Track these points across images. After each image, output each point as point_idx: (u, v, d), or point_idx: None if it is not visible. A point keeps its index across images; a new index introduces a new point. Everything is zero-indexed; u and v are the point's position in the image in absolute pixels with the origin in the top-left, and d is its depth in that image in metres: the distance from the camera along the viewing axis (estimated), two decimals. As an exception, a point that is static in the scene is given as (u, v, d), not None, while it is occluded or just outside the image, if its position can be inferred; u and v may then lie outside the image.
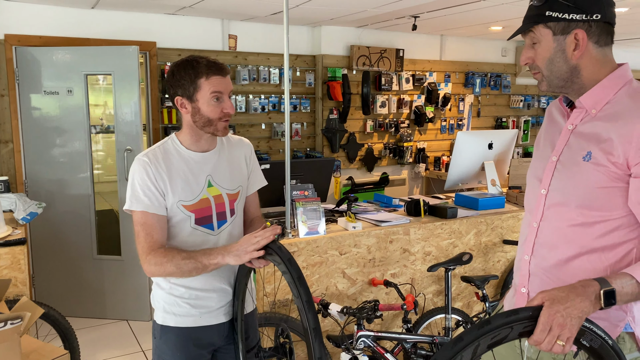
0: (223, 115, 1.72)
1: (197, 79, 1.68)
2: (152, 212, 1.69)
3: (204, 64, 1.68)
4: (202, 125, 1.73)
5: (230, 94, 1.75)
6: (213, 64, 1.69)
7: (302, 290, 1.47)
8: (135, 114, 4.02)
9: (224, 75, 1.71)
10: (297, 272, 1.51)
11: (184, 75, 1.68)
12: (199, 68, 1.68)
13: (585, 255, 1.37)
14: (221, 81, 1.70)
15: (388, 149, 5.86)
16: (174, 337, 1.79)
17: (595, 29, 1.34)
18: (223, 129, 1.75)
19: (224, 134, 1.77)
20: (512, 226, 3.38)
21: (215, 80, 1.69)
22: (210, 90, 1.68)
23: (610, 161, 1.31)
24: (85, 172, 4.11)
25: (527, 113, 6.86)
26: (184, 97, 1.71)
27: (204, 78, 1.68)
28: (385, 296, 2.98)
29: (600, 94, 1.37)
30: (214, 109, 1.70)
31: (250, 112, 5.10)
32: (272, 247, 1.59)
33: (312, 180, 3.09)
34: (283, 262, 1.53)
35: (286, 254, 1.54)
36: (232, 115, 1.75)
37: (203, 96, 1.69)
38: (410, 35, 5.74)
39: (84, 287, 4.19)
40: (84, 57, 4.00)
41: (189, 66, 1.69)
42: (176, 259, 1.64)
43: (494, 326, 1.10)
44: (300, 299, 1.46)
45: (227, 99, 1.73)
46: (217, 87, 1.69)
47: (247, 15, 4.76)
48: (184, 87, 1.69)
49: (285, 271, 1.52)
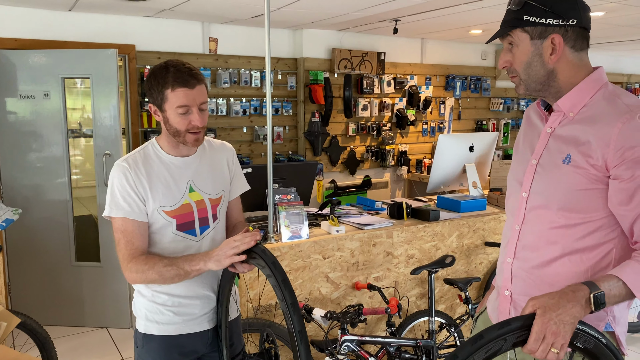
0: (191, 127, 1.66)
1: (163, 89, 1.62)
2: (133, 218, 1.66)
3: (171, 74, 1.61)
4: (173, 135, 1.69)
5: (204, 105, 1.67)
6: (180, 75, 1.61)
7: (287, 293, 1.46)
8: (114, 117, 3.96)
9: (191, 87, 1.62)
10: (282, 275, 1.49)
11: (153, 84, 1.64)
12: (166, 78, 1.61)
13: (566, 256, 1.39)
14: (187, 94, 1.61)
15: (370, 152, 5.87)
16: (156, 345, 1.75)
17: (572, 34, 1.36)
18: (193, 140, 1.69)
19: (195, 145, 1.72)
20: (494, 228, 3.40)
21: (180, 93, 1.61)
22: (175, 104, 1.62)
23: (590, 163, 1.32)
24: (63, 177, 4.03)
25: (507, 116, 6.94)
26: (155, 106, 1.68)
27: (169, 90, 1.61)
28: (369, 300, 2.97)
29: (577, 98, 1.39)
30: (181, 121, 1.64)
31: (232, 116, 5.07)
32: (256, 250, 1.57)
33: (295, 183, 3.07)
34: (267, 266, 1.51)
35: (270, 257, 1.53)
36: (202, 128, 1.68)
37: (170, 107, 1.63)
38: (391, 39, 5.76)
39: (62, 295, 4.11)
40: (61, 60, 3.93)
41: (159, 75, 1.63)
42: (158, 266, 1.62)
43: (487, 340, 1.10)
44: (285, 302, 1.45)
45: (195, 111, 1.65)
46: (182, 101, 1.62)
47: (227, 18, 4.73)
48: (153, 96, 1.65)
49: (269, 274, 1.51)
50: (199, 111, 1.66)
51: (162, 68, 1.63)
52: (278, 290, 1.47)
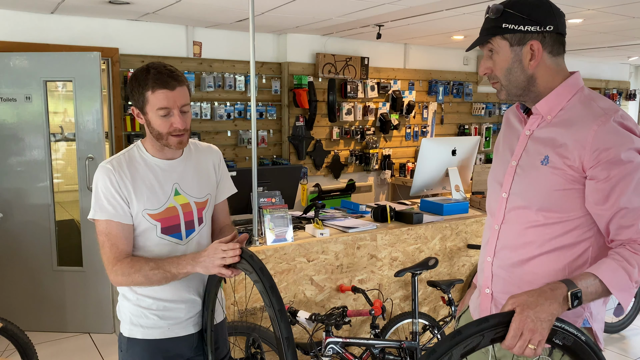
0: (173, 129, 1.65)
1: (144, 91, 1.61)
2: (117, 220, 1.66)
3: (152, 76, 1.60)
4: (156, 137, 1.68)
5: (185, 107, 1.66)
6: (160, 77, 1.60)
7: (274, 300, 1.46)
8: (97, 121, 3.93)
9: (172, 88, 1.60)
10: (269, 281, 1.49)
11: (134, 87, 1.63)
12: (147, 80, 1.60)
13: (545, 254, 1.42)
14: (168, 95, 1.60)
15: (354, 156, 5.91)
16: (141, 349, 1.74)
17: (549, 40, 1.40)
18: (176, 143, 1.68)
19: (178, 147, 1.71)
20: (476, 231, 3.45)
21: (161, 95, 1.60)
22: (156, 106, 1.61)
23: (567, 164, 1.36)
24: (45, 181, 3.99)
25: (488, 120, 7.03)
26: (137, 109, 1.67)
27: (149, 92, 1.60)
28: (353, 302, 2.99)
29: (555, 101, 1.43)
30: (162, 123, 1.64)
31: (216, 119, 5.06)
32: (243, 255, 1.57)
33: (279, 187, 3.08)
34: (255, 271, 1.51)
35: (258, 263, 1.53)
36: (184, 130, 1.66)
37: (151, 109, 1.63)
38: (375, 44, 5.81)
39: (43, 300, 4.06)
40: (42, 63, 3.89)
41: (140, 77, 1.62)
42: (144, 270, 1.61)
43: (465, 335, 1.12)
44: (273, 308, 1.45)
45: (176, 113, 1.63)
46: (163, 103, 1.61)
47: (212, 22, 4.73)
48: (135, 99, 1.64)
49: (257, 280, 1.51)
50: (180, 113, 1.64)
51: (143, 70, 1.62)
52: (265, 296, 1.47)
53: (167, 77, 1.61)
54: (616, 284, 1.25)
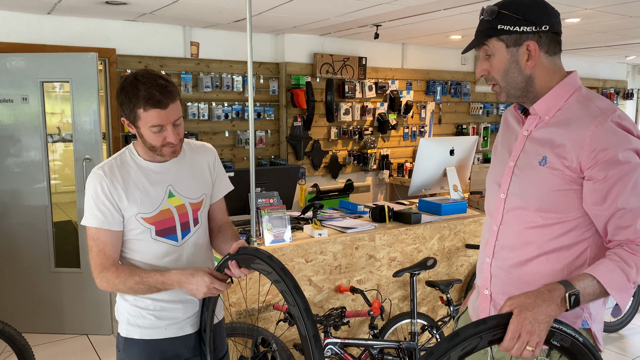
0: (166, 143, 1.63)
1: (135, 108, 1.57)
2: (106, 227, 1.65)
3: (143, 93, 1.54)
4: (149, 148, 1.67)
5: (178, 120, 1.63)
6: (152, 95, 1.54)
7: (298, 299, 1.45)
8: (94, 122, 3.92)
9: (164, 107, 1.56)
10: (292, 280, 1.48)
11: (125, 101, 1.59)
12: (138, 97, 1.55)
13: (544, 255, 1.42)
14: (159, 114, 1.56)
15: (352, 156, 5.90)
16: (138, 350, 1.74)
17: (545, 40, 1.40)
18: (170, 153, 1.67)
19: (172, 157, 1.70)
20: (474, 230, 3.45)
21: (152, 114, 1.56)
22: (148, 124, 1.59)
23: (565, 165, 1.36)
24: (42, 182, 3.97)
25: (486, 120, 7.03)
26: (127, 119, 1.64)
27: (141, 109, 1.56)
28: (352, 303, 2.98)
29: (552, 101, 1.43)
30: (155, 138, 1.62)
31: (214, 120, 5.05)
32: (261, 256, 1.55)
33: (277, 187, 3.08)
34: (275, 271, 1.50)
35: (278, 263, 1.52)
36: (178, 142, 1.65)
37: (143, 125, 1.60)
38: (373, 44, 5.81)
39: (41, 302, 4.04)
40: (39, 63, 3.88)
41: (130, 92, 1.57)
42: (128, 282, 1.62)
43: (463, 337, 1.12)
44: (298, 307, 1.44)
45: (170, 128, 1.60)
46: (156, 122, 1.57)
47: (209, 23, 4.73)
48: (125, 112, 1.61)
49: (277, 280, 1.49)
50: (173, 127, 1.62)
51: (132, 83, 1.57)
52: (289, 296, 1.46)
53: (160, 95, 1.56)
54: (614, 284, 1.25)
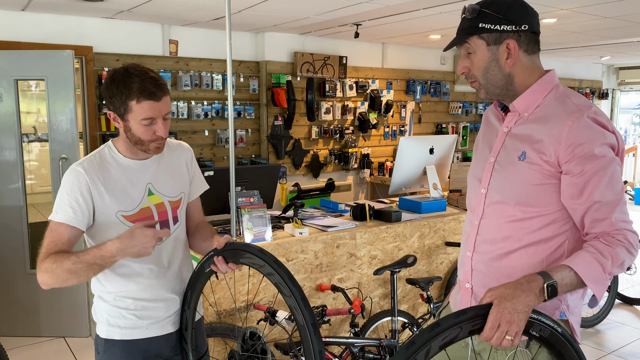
0: (155, 137, 1.63)
1: (128, 100, 1.57)
2: (69, 223, 1.60)
3: (137, 86, 1.55)
4: (134, 143, 1.65)
5: (167, 115, 1.64)
6: (145, 87, 1.56)
7: (294, 289, 1.47)
8: (70, 121, 3.86)
9: (158, 99, 1.58)
10: (287, 272, 1.49)
11: (115, 93, 1.58)
12: (130, 89, 1.55)
13: (523, 248, 1.45)
14: (153, 106, 1.58)
15: (333, 155, 5.91)
16: (119, 350, 1.71)
17: (524, 38, 1.43)
18: (155, 149, 1.67)
19: (157, 152, 1.69)
20: (454, 228, 3.47)
21: (146, 106, 1.57)
22: (140, 117, 1.58)
23: (543, 160, 1.39)
24: (17, 182, 3.89)
25: (465, 119, 7.10)
26: (115, 114, 1.63)
27: (134, 101, 1.56)
28: (333, 301, 2.98)
29: (531, 98, 1.46)
30: (145, 131, 1.61)
31: (193, 119, 5.01)
32: (252, 250, 1.55)
33: (258, 186, 3.06)
34: (267, 264, 1.51)
35: (270, 256, 1.52)
36: (165, 138, 1.66)
37: (134, 118, 1.59)
38: (353, 43, 5.82)
39: (16, 304, 3.96)
40: (13, 61, 3.80)
41: (122, 84, 1.57)
42: (65, 264, 1.51)
43: (443, 327, 1.13)
44: (294, 297, 1.46)
45: (160, 122, 1.61)
46: (148, 114, 1.58)
47: (188, 21, 4.68)
48: (115, 105, 1.60)
49: (271, 273, 1.50)
50: (163, 121, 1.63)
51: (124, 75, 1.57)
52: (284, 287, 1.48)
53: (153, 87, 1.57)
54: (590, 275, 1.28)
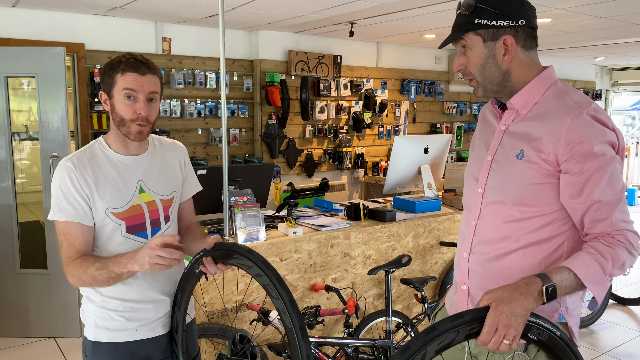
0: (136, 116, 1.61)
1: (114, 73, 1.60)
2: (77, 221, 1.59)
3: (125, 60, 1.60)
4: (118, 124, 1.64)
5: (153, 95, 1.63)
6: (133, 62, 1.60)
7: (282, 291, 1.42)
8: (61, 119, 3.81)
9: (142, 73, 1.60)
10: (275, 273, 1.46)
11: (106, 70, 1.63)
12: (119, 64, 1.60)
13: (521, 249, 1.41)
14: (136, 79, 1.59)
15: (327, 155, 5.88)
16: (107, 353, 1.68)
17: (522, 34, 1.40)
18: (136, 132, 1.63)
19: (137, 138, 1.65)
20: (449, 228, 3.46)
21: (129, 77, 1.59)
22: (122, 87, 1.59)
23: (541, 158, 1.36)
24: (7, 181, 3.84)
25: (460, 119, 7.10)
26: (105, 92, 1.65)
27: (119, 74, 1.59)
28: (327, 301, 2.96)
29: (529, 95, 1.42)
30: (126, 108, 1.60)
31: (186, 117, 4.97)
32: (239, 250, 1.51)
33: (251, 185, 3.03)
34: (256, 265, 1.47)
35: (259, 257, 1.49)
36: (148, 120, 1.63)
37: (117, 92, 1.60)
38: (348, 42, 5.80)
39: (5, 304, 3.91)
40: (3, 58, 3.74)
41: (114, 62, 1.62)
42: (90, 270, 1.56)
43: (439, 332, 1.10)
44: (282, 300, 1.42)
45: (142, 99, 1.61)
46: (129, 85, 1.59)
47: (181, 18, 4.64)
48: (104, 81, 1.63)
49: (259, 274, 1.46)
50: (146, 100, 1.61)
51: (117, 58, 1.63)
52: (273, 289, 1.43)
53: (140, 63, 1.61)
54: (590, 277, 1.25)
